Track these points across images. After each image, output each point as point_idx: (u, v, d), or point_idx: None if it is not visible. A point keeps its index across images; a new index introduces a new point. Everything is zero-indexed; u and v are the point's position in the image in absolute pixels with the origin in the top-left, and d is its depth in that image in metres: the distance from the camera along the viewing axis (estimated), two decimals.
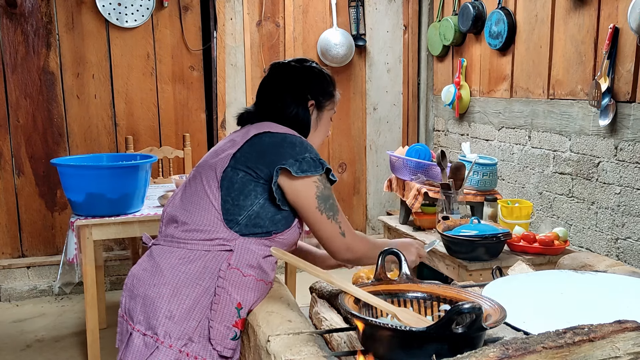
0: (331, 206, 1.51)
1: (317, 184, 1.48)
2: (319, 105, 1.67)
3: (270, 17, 4.11)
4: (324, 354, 1.13)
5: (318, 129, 1.69)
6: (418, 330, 1.00)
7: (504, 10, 3.35)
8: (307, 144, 1.54)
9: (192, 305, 1.40)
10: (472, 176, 2.83)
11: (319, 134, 1.69)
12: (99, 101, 3.85)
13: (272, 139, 1.51)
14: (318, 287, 1.60)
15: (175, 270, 1.43)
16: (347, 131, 4.38)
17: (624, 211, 2.63)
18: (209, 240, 1.44)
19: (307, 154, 1.49)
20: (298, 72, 1.68)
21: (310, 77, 1.68)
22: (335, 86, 1.73)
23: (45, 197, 3.82)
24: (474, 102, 3.82)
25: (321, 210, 1.49)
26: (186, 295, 1.40)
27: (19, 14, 3.64)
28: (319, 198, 1.48)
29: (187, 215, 1.48)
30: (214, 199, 1.46)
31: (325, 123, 1.70)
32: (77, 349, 3.06)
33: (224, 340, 1.40)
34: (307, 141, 1.57)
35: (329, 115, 1.71)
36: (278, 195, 1.46)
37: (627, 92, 2.57)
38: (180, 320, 1.39)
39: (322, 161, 1.51)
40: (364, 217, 4.51)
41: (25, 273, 3.81)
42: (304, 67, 1.69)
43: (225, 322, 1.41)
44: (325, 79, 1.70)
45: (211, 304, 1.41)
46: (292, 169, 1.44)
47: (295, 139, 1.53)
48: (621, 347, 0.96)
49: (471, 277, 2.28)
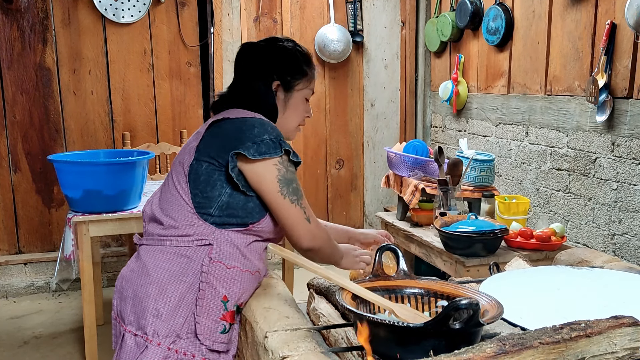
0: (294, 190, 1.44)
1: (277, 166, 1.42)
2: (287, 85, 1.57)
3: (267, 13, 4.10)
4: (321, 350, 1.13)
5: (289, 111, 1.59)
6: (415, 326, 1.00)
7: (502, 6, 3.34)
8: (269, 125, 1.46)
9: (178, 302, 1.40)
10: (470, 172, 2.83)
11: (291, 116, 1.59)
12: (95, 97, 3.83)
13: (231, 125, 1.47)
14: (315, 283, 1.60)
15: (160, 268, 1.43)
16: (344, 127, 4.38)
17: (621, 207, 2.63)
18: (187, 236, 1.43)
19: (265, 135, 1.42)
20: (263, 51, 1.60)
21: (275, 56, 1.59)
22: (310, 64, 1.61)
23: (42, 194, 3.82)
24: (472, 98, 3.82)
25: (283, 194, 1.43)
26: (171, 292, 1.40)
27: (15, 10, 3.63)
28: (281, 181, 1.42)
29: (164, 213, 1.47)
30: (185, 194, 1.45)
31: (297, 104, 1.59)
32: (75, 346, 3.06)
33: (212, 334, 1.41)
34: (271, 123, 1.49)
35: (302, 96, 1.60)
36: (240, 181, 1.42)
37: (624, 88, 2.57)
38: (167, 318, 1.39)
39: (282, 142, 1.44)
40: (361, 213, 4.52)
41: (22, 269, 3.80)
42: (271, 46, 1.60)
43: (212, 316, 1.41)
44: (295, 57, 1.59)
45: (196, 299, 1.40)
46: (248, 152, 1.39)
47: (255, 121, 1.46)
48: (618, 342, 0.96)
49: (468, 273, 2.28)
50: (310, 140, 4.32)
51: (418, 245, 2.77)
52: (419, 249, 2.77)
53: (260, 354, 1.24)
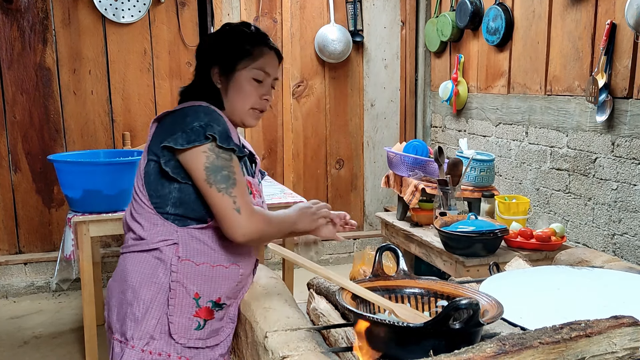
0: (224, 177, 1.36)
1: (206, 153, 1.36)
2: (227, 67, 1.48)
3: (267, 13, 4.10)
4: (321, 349, 1.13)
5: (232, 93, 1.49)
6: (415, 326, 1.00)
7: (502, 6, 3.34)
8: (202, 112, 1.40)
9: (150, 304, 1.41)
10: (470, 172, 2.83)
11: (235, 99, 1.49)
12: (95, 97, 3.83)
13: (171, 118, 1.43)
14: (316, 283, 1.60)
15: (134, 273, 1.44)
16: (344, 127, 4.38)
17: (621, 207, 2.63)
18: (154, 238, 1.43)
19: (196, 122, 1.37)
20: (207, 39, 1.58)
21: (215, 40, 1.54)
22: (255, 43, 1.50)
23: (42, 194, 3.82)
24: (472, 98, 3.82)
25: (210, 182, 1.36)
26: (144, 295, 1.41)
27: (15, 10, 3.63)
28: (208, 169, 1.35)
29: (133, 219, 1.47)
30: (144, 197, 1.44)
31: (240, 85, 1.49)
32: (75, 346, 3.06)
33: (186, 332, 1.41)
34: (210, 109, 1.42)
35: (248, 76, 1.48)
36: (179, 174, 1.39)
37: (624, 88, 2.57)
38: (141, 321, 1.40)
39: (211, 127, 1.36)
40: (361, 213, 4.52)
41: (22, 269, 3.80)
42: (216, 32, 1.56)
43: (185, 315, 1.41)
44: (236, 37, 1.51)
45: (168, 299, 1.41)
46: (175, 142, 1.35)
47: (190, 110, 1.42)
48: (618, 342, 0.96)
49: (468, 273, 2.28)
50: (310, 140, 4.32)
51: (418, 245, 2.77)
52: (419, 249, 2.77)
53: (260, 354, 1.24)
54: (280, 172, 4.27)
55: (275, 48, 1.54)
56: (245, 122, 1.53)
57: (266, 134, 4.22)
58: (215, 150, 1.36)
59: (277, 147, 4.26)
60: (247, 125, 1.54)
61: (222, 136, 1.37)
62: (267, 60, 1.51)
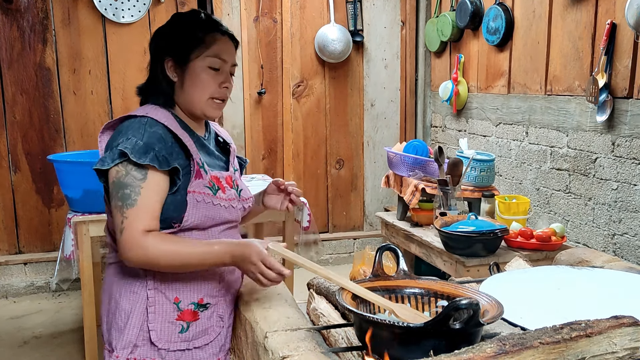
0: (123, 196, 1.31)
1: (118, 169, 1.32)
2: (181, 57, 1.41)
3: (267, 13, 4.10)
4: (321, 350, 1.13)
5: (187, 84, 1.41)
6: (415, 326, 1.00)
7: (502, 6, 3.34)
8: (132, 128, 1.35)
9: (129, 314, 1.40)
10: (470, 172, 2.83)
11: (191, 90, 1.41)
12: (95, 97, 3.83)
13: (113, 134, 1.41)
14: (316, 283, 1.60)
15: (114, 284, 1.45)
16: (344, 127, 4.38)
17: (621, 207, 2.63)
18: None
19: (121, 138, 1.34)
20: (158, 31, 1.49)
21: (166, 32, 1.47)
22: (207, 29, 1.42)
23: (41, 194, 3.81)
24: (472, 98, 3.82)
25: (112, 198, 1.33)
26: (124, 304, 1.41)
27: (15, 10, 3.63)
28: (113, 184, 1.33)
29: (108, 232, 1.48)
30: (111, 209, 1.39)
31: (196, 75, 1.41)
32: (75, 346, 3.06)
33: (170, 336, 1.41)
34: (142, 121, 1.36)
35: (203, 65, 1.41)
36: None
37: (624, 87, 2.57)
38: (123, 330, 1.40)
39: (126, 141, 1.31)
40: (361, 213, 4.52)
41: (22, 269, 3.80)
42: (166, 23, 1.48)
43: (166, 320, 1.40)
44: (186, 26, 1.44)
45: (146, 308, 1.40)
46: (101, 164, 1.34)
47: (123, 126, 1.38)
48: (618, 342, 0.96)
49: (468, 273, 2.28)
50: (310, 140, 4.32)
51: (418, 245, 2.77)
52: (419, 249, 2.77)
53: (260, 354, 1.24)
54: (280, 172, 4.27)
55: (228, 33, 1.47)
56: (206, 114, 1.44)
57: (266, 134, 4.22)
58: (127, 167, 1.32)
59: (277, 147, 4.26)
60: (209, 117, 1.46)
61: (138, 150, 1.31)
62: (222, 46, 1.43)
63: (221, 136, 1.59)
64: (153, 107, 1.43)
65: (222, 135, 1.60)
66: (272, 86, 4.17)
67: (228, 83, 1.45)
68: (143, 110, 1.42)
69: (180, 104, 1.46)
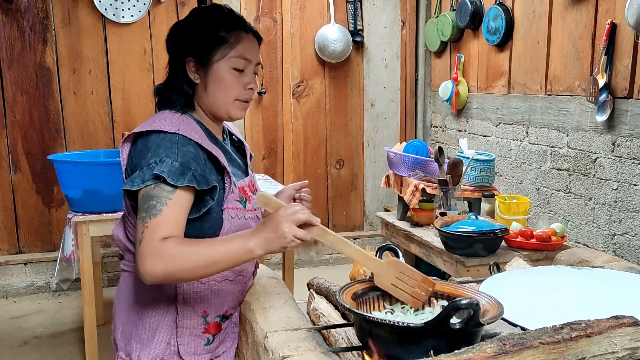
0: (148, 207, 1.21)
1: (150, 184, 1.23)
2: (203, 59, 1.32)
3: (267, 13, 4.10)
4: (321, 350, 1.13)
5: (211, 87, 1.34)
6: (415, 326, 1.00)
7: (502, 6, 3.34)
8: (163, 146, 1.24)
9: (157, 328, 1.35)
10: (470, 172, 2.83)
11: (216, 92, 1.34)
12: (95, 97, 3.83)
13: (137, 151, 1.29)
14: (316, 283, 1.60)
15: (137, 294, 1.37)
16: (344, 127, 4.38)
17: (621, 207, 2.63)
18: None
19: (153, 159, 1.23)
20: (177, 28, 1.38)
21: (185, 30, 1.36)
22: (230, 28, 1.33)
23: (42, 194, 3.82)
24: (472, 98, 3.81)
25: (139, 211, 1.24)
26: (150, 317, 1.36)
27: (15, 10, 3.63)
28: (142, 198, 1.23)
29: (129, 240, 1.38)
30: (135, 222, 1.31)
31: (220, 77, 1.33)
32: (75, 346, 3.06)
33: (196, 349, 1.38)
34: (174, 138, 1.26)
35: (227, 66, 1.32)
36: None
37: (624, 87, 2.57)
38: (149, 343, 1.35)
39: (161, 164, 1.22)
40: (361, 213, 4.51)
41: (23, 269, 3.80)
42: (185, 19, 1.38)
43: (194, 334, 1.38)
44: (208, 24, 1.33)
45: (175, 321, 1.36)
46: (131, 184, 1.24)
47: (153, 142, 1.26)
48: (618, 342, 0.96)
49: (468, 273, 2.28)
50: (310, 140, 4.32)
51: (418, 245, 2.77)
52: (419, 249, 2.77)
53: (260, 354, 1.24)
54: (280, 172, 4.27)
55: (253, 30, 1.38)
56: (231, 116, 1.38)
57: (266, 133, 4.22)
58: (159, 185, 1.22)
59: (277, 147, 4.26)
60: (234, 118, 1.39)
61: (174, 172, 1.22)
62: (246, 45, 1.34)
63: (235, 135, 1.53)
64: (179, 119, 1.32)
65: (235, 133, 1.54)
66: (272, 86, 4.17)
67: (253, 84, 1.38)
68: (170, 123, 1.30)
69: (203, 107, 1.38)
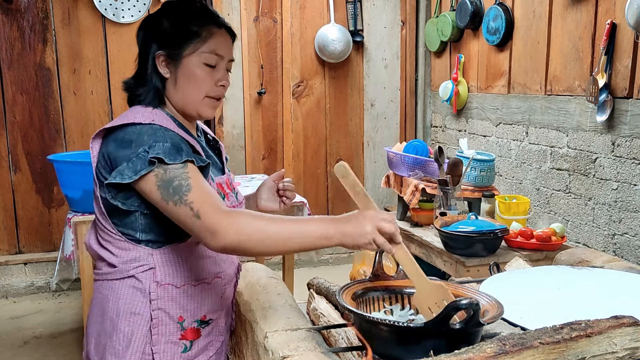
0: (175, 189, 1.19)
1: (155, 173, 1.20)
2: (173, 53, 1.29)
3: (267, 13, 4.10)
4: (321, 350, 1.13)
5: (181, 82, 1.30)
6: (415, 326, 1.00)
7: (502, 6, 3.34)
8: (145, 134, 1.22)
9: (131, 337, 1.30)
10: (470, 172, 2.83)
11: (185, 88, 1.30)
12: (95, 97, 3.83)
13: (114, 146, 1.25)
14: (316, 283, 1.60)
15: (110, 303, 1.32)
16: (344, 127, 4.38)
17: (621, 207, 2.63)
18: (129, 266, 1.29)
19: (140, 148, 1.20)
20: (147, 20, 1.35)
21: (156, 22, 1.32)
22: (202, 22, 1.30)
23: (42, 194, 3.81)
24: (472, 98, 3.81)
25: (166, 199, 1.20)
26: (124, 327, 1.30)
27: (15, 10, 3.63)
28: (161, 187, 1.20)
29: (102, 246, 1.33)
30: (109, 225, 1.29)
31: (190, 72, 1.29)
32: (75, 346, 3.06)
33: (173, 356, 1.32)
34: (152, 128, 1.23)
35: (198, 61, 1.29)
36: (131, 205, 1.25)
37: (624, 87, 2.57)
38: (123, 354, 1.29)
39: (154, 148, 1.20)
40: None
41: (22, 269, 3.80)
42: (156, 12, 1.34)
43: (170, 341, 1.32)
44: (179, 17, 1.31)
45: (150, 329, 1.30)
46: (121, 178, 1.20)
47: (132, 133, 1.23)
48: (618, 342, 0.96)
49: (468, 273, 2.28)
50: (310, 140, 4.32)
51: (418, 245, 2.77)
52: (419, 249, 2.77)
53: (260, 354, 1.24)
54: None
55: (225, 25, 1.34)
56: (200, 114, 1.34)
57: (266, 134, 4.22)
58: (163, 168, 1.20)
59: (277, 147, 4.26)
60: (204, 117, 1.36)
61: (170, 152, 1.20)
62: (219, 40, 1.31)
63: (209, 134, 1.51)
64: (152, 112, 1.29)
65: (208, 132, 1.51)
66: (272, 86, 4.17)
67: (225, 80, 1.34)
68: (143, 115, 1.27)
69: (173, 102, 1.34)
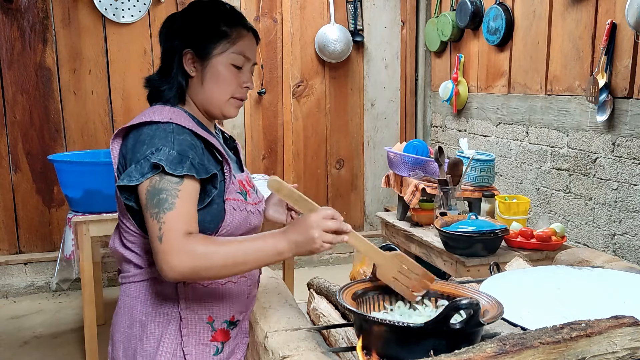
0: (159, 202, 1.17)
1: (152, 179, 1.19)
2: (202, 51, 1.29)
3: (267, 13, 4.10)
4: (321, 349, 1.13)
5: (208, 82, 1.30)
6: (415, 326, 1.00)
7: (502, 6, 3.34)
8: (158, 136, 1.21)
9: (161, 338, 1.29)
10: (470, 172, 2.83)
11: (212, 88, 1.31)
12: (95, 97, 3.83)
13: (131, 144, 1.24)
14: (316, 283, 1.60)
15: (139, 306, 1.32)
16: (344, 127, 4.38)
17: (621, 207, 2.63)
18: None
19: (148, 150, 1.20)
20: (174, 20, 1.37)
21: (185, 21, 1.34)
22: (232, 23, 1.31)
23: (42, 194, 3.82)
24: (472, 98, 3.81)
25: (147, 207, 1.18)
26: (153, 329, 1.29)
27: (15, 10, 3.63)
28: (149, 193, 1.18)
29: (125, 247, 1.33)
30: (133, 227, 1.29)
31: (218, 73, 1.30)
32: (75, 345, 3.06)
33: (205, 358, 1.32)
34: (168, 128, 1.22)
35: (225, 62, 1.30)
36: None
37: (624, 87, 2.57)
38: (154, 356, 1.29)
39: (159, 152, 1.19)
40: (361, 213, 4.51)
41: (23, 269, 3.80)
42: (184, 11, 1.36)
43: (201, 342, 1.31)
44: (210, 17, 1.31)
45: (179, 330, 1.29)
46: (129, 180, 1.19)
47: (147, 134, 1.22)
48: (618, 342, 0.96)
49: (469, 273, 2.28)
50: (310, 140, 4.32)
51: (418, 245, 2.77)
52: (419, 249, 2.77)
53: (260, 354, 1.24)
54: (280, 172, 4.27)
55: (253, 29, 1.37)
56: (225, 113, 1.34)
57: (266, 134, 4.22)
58: (160, 175, 1.19)
59: (277, 147, 4.26)
60: (228, 116, 1.36)
61: (173, 161, 1.19)
62: (246, 43, 1.33)
63: (226, 133, 1.51)
64: (170, 110, 1.28)
65: (225, 131, 1.52)
66: (272, 86, 4.17)
67: (250, 82, 1.36)
68: (161, 114, 1.26)
69: (197, 101, 1.34)
